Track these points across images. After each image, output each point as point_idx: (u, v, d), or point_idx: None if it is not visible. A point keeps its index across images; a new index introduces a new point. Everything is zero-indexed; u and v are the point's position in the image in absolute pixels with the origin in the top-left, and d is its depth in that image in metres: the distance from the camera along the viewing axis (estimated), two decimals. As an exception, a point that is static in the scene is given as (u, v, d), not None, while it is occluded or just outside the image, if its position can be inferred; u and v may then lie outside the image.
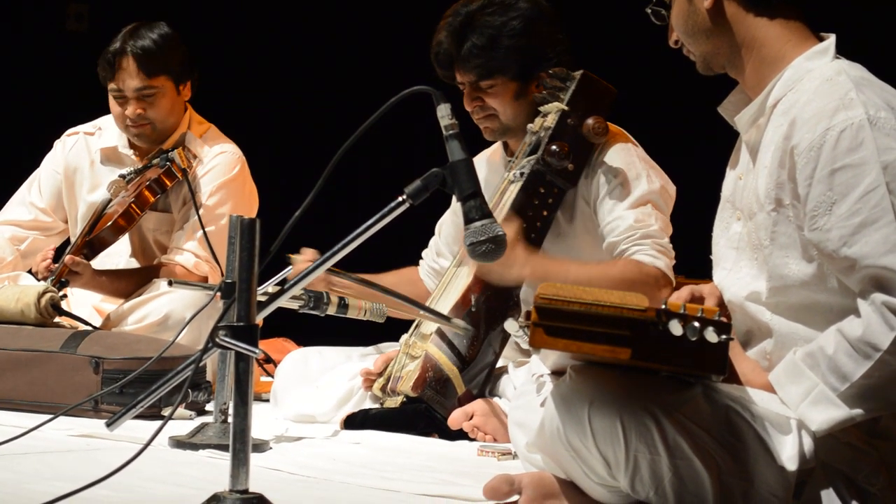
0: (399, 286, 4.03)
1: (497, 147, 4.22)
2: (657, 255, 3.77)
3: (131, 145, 4.77)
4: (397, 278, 4.23)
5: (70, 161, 4.85)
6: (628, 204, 3.83)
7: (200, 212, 4.54)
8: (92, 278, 4.48)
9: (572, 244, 3.94)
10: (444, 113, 2.61)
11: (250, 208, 4.74)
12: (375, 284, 3.92)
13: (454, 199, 4.24)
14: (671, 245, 3.83)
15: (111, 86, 4.63)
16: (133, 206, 4.53)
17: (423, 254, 4.41)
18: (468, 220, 2.60)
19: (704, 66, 2.71)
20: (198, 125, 4.78)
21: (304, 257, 3.96)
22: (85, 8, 6.69)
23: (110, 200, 4.64)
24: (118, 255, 4.75)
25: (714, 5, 2.63)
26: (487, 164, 4.21)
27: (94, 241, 4.51)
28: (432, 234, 4.41)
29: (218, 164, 4.69)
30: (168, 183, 4.57)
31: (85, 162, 4.84)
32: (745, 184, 2.66)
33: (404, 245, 4.42)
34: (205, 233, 4.51)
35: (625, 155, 3.91)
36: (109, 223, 4.50)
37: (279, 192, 5.08)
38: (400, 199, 2.57)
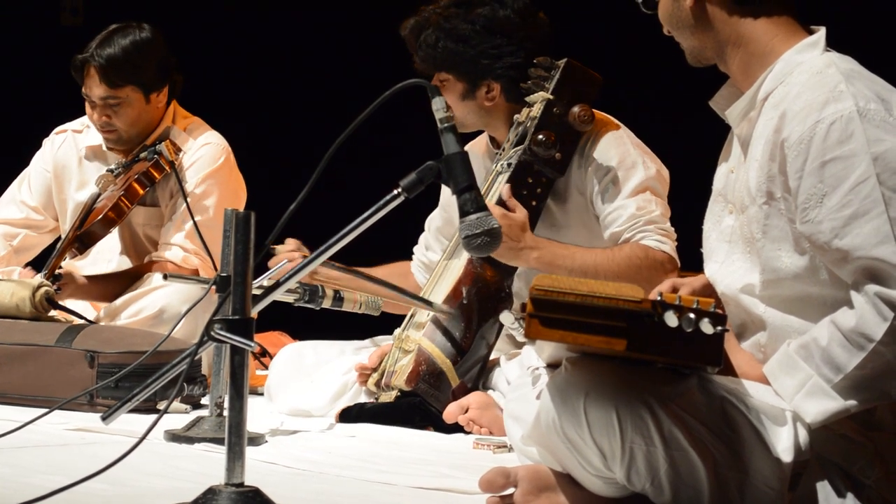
0: (390, 278, 4.07)
1: (481, 138, 4.25)
2: (663, 240, 3.83)
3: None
4: (389, 271, 4.26)
5: (59, 159, 4.85)
6: (627, 193, 3.87)
7: (189, 201, 4.54)
8: (78, 289, 4.48)
9: (566, 234, 3.96)
10: (438, 106, 2.61)
11: (237, 198, 4.73)
12: (359, 272, 3.95)
13: (442, 194, 4.28)
14: (673, 228, 3.87)
15: (82, 89, 4.62)
16: (123, 199, 4.52)
17: (415, 249, 4.43)
18: (463, 214, 2.60)
19: (693, 58, 2.72)
20: (182, 119, 4.77)
21: (287, 248, 4.00)
22: (80, 1, 6.68)
23: (99, 195, 4.63)
24: (110, 252, 4.75)
25: (696, 4, 2.64)
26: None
27: (84, 236, 4.51)
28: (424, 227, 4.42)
29: (203, 155, 4.68)
30: (157, 175, 4.57)
31: (73, 159, 4.84)
32: (736, 177, 2.67)
33: (400, 238, 4.43)
34: (195, 224, 4.50)
35: (618, 144, 3.93)
36: (99, 217, 4.50)
37: (273, 185, 5.07)
38: (395, 192, 2.57)
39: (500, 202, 3.86)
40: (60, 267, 4.43)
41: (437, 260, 4.16)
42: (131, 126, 4.63)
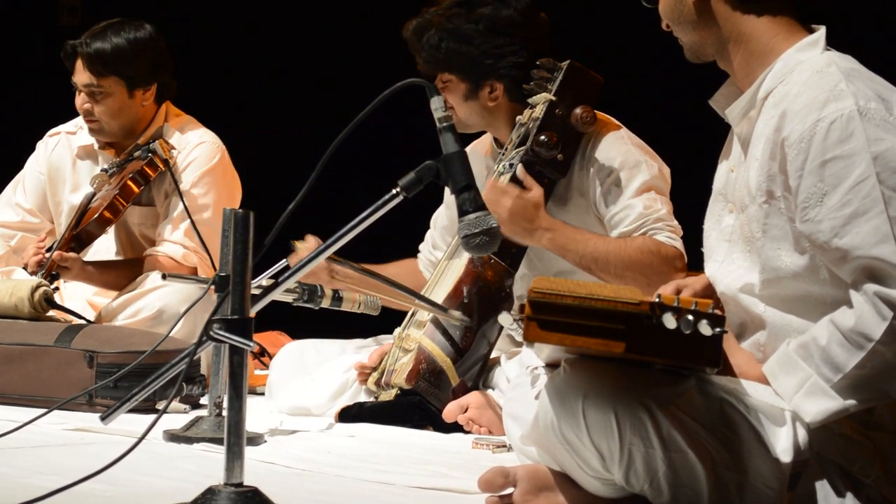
0: (400, 277, 4.06)
1: (485, 138, 4.25)
2: (673, 237, 3.83)
3: (105, 144, 4.76)
4: (399, 269, 4.26)
5: (53, 161, 4.85)
6: (632, 192, 3.87)
7: (186, 200, 4.53)
8: (81, 270, 4.48)
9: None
10: (437, 105, 2.62)
11: (233, 196, 4.74)
12: (375, 273, 3.94)
13: (447, 191, 4.28)
14: (679, 226, 3.87)
15: (72, 77, 4.64)
16: (118, 198, 4.52)
17: (421, 247, 4.43)
18: (462, 213, 2.61)
19: (692, 54, 2.71)
20: (174, 117, 4.76)
21: (308, 244, 3.98)
22: (78, 1, 6.68)
23: (94, 194, 4.63)
24: (106, 252, 4.75)
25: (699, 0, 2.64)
26: (472, 155, 4.22)
27: (80, 235, 4.51)
28: (429, 225, 4.42)
29: (198, 154, 4.68)
30: (151, 174, 4.57)
31: (67, 162, 4.84)
32: (736, 176, 2.67)
33: (400, 236, 4.43)
34: (192, 223, 4.50)
35: (619, 145, 3.93)
36: (95, 216, 4.50)
37: (272, 184, 5.07)
38: (394, 191, 2.57)
39: (515, 179, 3.86)
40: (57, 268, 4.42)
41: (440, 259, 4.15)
42: (112, 118, 4.63)
